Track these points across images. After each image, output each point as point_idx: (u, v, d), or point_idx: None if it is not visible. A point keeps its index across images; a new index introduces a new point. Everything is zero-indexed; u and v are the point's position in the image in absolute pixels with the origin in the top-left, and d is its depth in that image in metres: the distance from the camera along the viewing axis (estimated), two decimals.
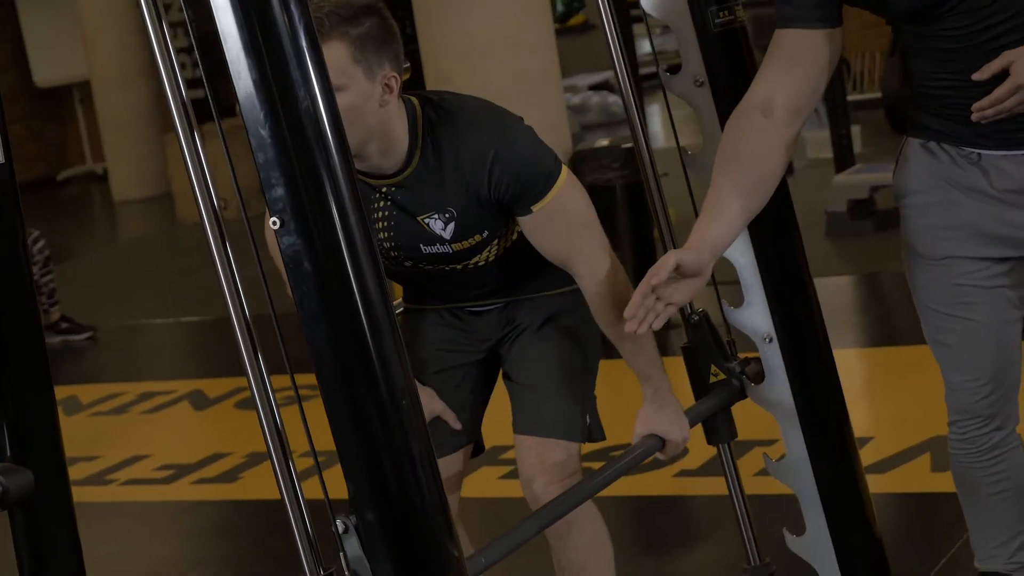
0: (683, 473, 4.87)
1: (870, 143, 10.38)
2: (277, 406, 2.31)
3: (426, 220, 3.06)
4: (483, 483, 4.88)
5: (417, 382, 3.19)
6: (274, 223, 2.21)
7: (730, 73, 3.20)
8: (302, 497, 2.33)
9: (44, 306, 8.51)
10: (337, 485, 2.29)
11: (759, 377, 3.21)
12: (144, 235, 12.40)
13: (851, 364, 6.17)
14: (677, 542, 4.61)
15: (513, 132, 3.04)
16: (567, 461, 3.15)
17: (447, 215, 3.05)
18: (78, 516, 5.34)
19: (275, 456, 2.31)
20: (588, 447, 3.30)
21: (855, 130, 10.00)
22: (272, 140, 2.22)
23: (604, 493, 2.97)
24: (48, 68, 16.53)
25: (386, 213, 3.08)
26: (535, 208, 3.01)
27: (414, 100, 3.04)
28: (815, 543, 3.26)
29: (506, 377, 3.30)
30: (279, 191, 2.22)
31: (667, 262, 2.75)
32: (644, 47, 18.38)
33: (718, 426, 3.27)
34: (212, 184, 2.31)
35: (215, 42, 2.23)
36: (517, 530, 2.75)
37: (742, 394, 3.23)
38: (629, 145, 6.51)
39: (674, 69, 3.26)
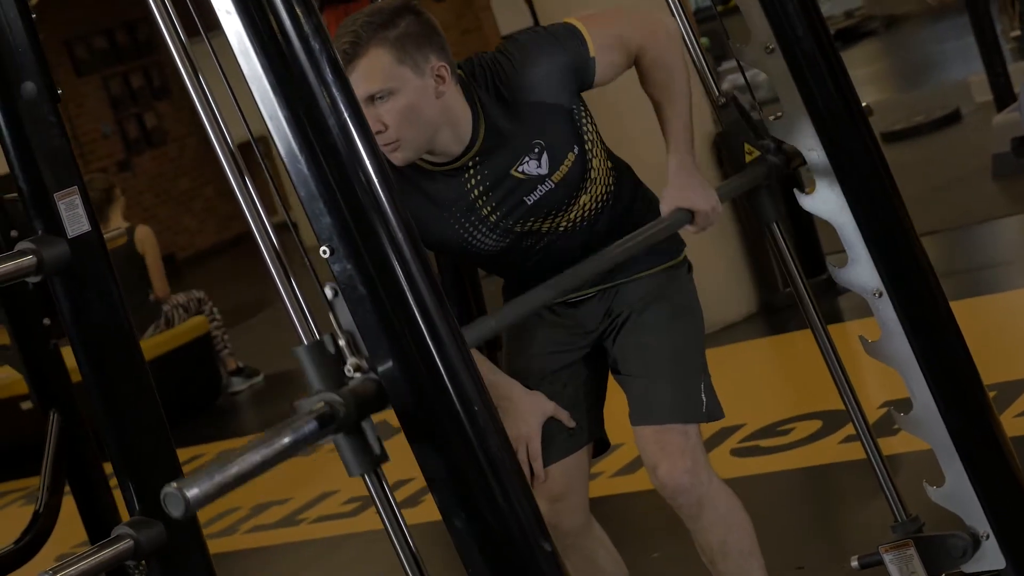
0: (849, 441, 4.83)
1: None
2: (298, 291, 2.35)
3: (520, 168, 3.13)
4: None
5: (524, 387, 3.26)
6: (324, 252, 2.27)
7: (801, 35, 3.18)
8: (403, 521, 2.40)
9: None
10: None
11: (796, 153, 3.19)
12: None
13: None
14: (832, 508, 4.58)
15: (534, 43, 3.14)
16: (687, 443, 3.15)
17: (536, 150, 3.12)
18: (270, 559, 5.51)
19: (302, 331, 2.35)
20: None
21: (1021, 66, 9.78)
22: (310, 172, 2.27)
23: (758, 471, 2.90)
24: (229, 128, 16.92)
25: (481, 188, 3.14)
26: (593, 55, 3.13)
27: (460, 72, 3.13)
28: (956, 492, 3.20)
29: (614, 371, 3.31)
30: (325, 220, 2.27)
31: None
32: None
33: (762, 204, 3.26)
34: (272, 230, 2.38)
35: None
36: (537, 291, 2.83)
37: (779, 169, 3.20)
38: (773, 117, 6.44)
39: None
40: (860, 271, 3.19)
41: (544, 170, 3.14)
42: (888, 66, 14.86)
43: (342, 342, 2.15)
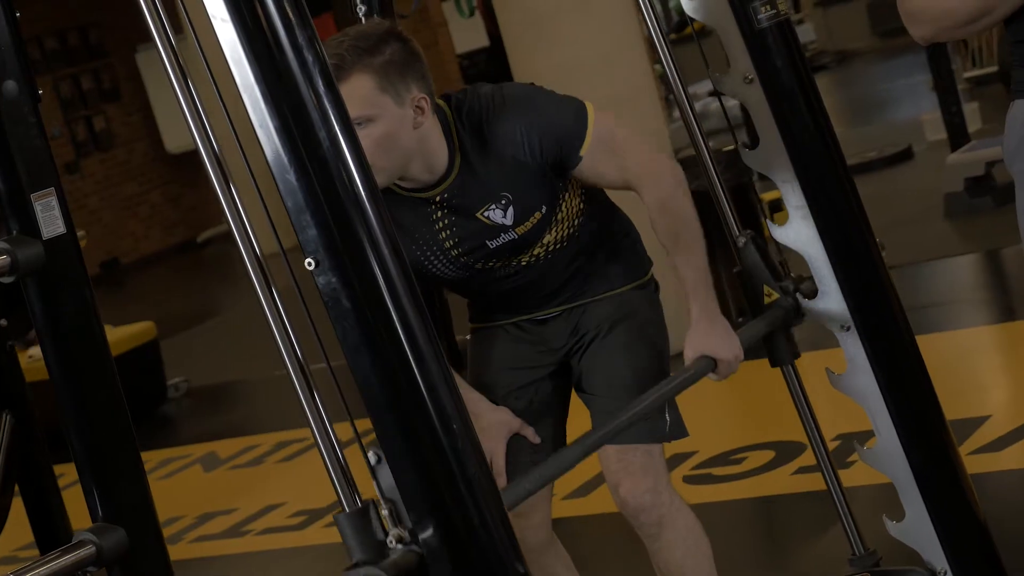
0: (800, 470, 4.85)
1: (992, 118, 10.20)
2: (341, 450, 2.36)
3: (485, 214, 3.11)
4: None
5: (490, 402, 3.26)
6: (309, 264, 2.26)
7: (780, 67, 3.19)
8: None
9: None
10: None
11: (813, 293, 3.20)
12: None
13: (976, 342, 6.10)
14: (784, 539, 4.59)
15: (533, 100, 3.10)
16: (650, 462, 3.17)
17: (503, 201, 3.10)
18: (215, 570, 5.47)
19: (344, 498, 2.36)
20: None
21: (973, 107, 9.89)
22: (299, 184, 2.27)
23: (710, 499, 2.91)
24: (178, 135, 16.90)
25: (446, 221, 3.13)
26: (583, 152, 3.08)
27: (442, 104, 3.11)
28: (915, 527, 3.22)
29: (579, 389, 3.32)
30: (311, 232, 2.27)
31: None
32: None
33: (777, 347, 3.27)
34: (254, 234, 2.37)
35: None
36: (560, 456, 2.81)
37: (798, 312, 3.21)
38: (729, 148, 6.48)
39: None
40: (829, 304, 3.21)
41: (508, 221, 3.13)
42: (840, 101, 14.94)
43: (385, 512, 2.20)
